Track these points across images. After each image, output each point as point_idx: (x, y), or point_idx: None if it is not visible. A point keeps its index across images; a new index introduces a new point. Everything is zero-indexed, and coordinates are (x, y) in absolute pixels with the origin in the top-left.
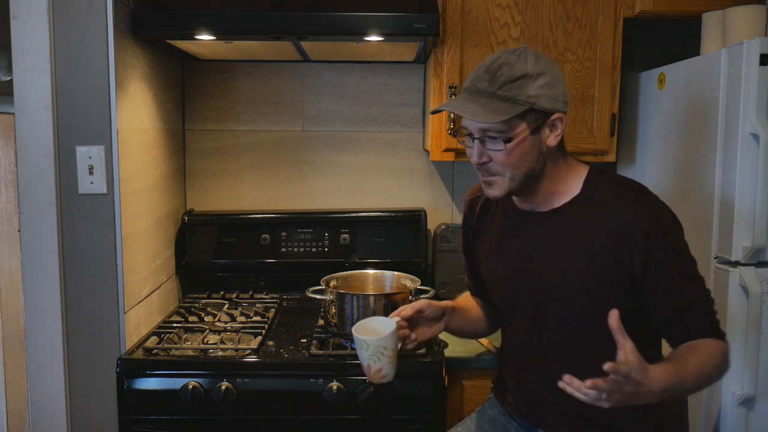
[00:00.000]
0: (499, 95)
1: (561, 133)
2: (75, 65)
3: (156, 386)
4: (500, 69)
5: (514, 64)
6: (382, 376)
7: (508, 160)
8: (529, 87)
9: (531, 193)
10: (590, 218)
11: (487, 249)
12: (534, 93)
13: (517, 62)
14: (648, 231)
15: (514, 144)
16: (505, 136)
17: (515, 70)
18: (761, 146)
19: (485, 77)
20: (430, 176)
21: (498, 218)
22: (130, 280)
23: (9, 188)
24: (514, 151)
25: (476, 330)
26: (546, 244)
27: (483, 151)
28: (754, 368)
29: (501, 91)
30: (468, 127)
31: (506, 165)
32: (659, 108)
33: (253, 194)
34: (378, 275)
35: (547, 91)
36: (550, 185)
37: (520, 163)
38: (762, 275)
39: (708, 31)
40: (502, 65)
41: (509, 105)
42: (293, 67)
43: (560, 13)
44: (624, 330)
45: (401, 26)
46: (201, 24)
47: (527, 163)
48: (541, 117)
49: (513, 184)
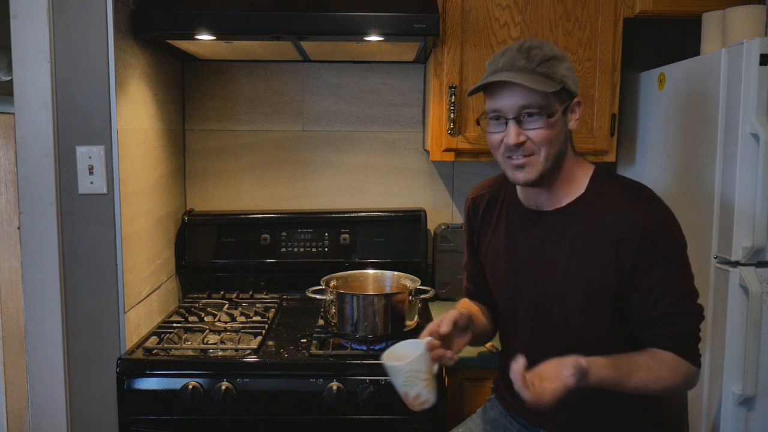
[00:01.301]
0: (538, 71)
1: (579, 117)
2: (75, 65)
3: (156, 386)
4: (531, 50)
5: (541, 46)
6: (421, 402)
7: (547, 137)
8: (560, 67)
9: (550, 182)
10: (593, 219)
11: (491, 248)
12: (564, 73)
13: (544, 46)
14: (643, 232)
15: (555, 119)
16: (548, 111)
17: (545, 51)
18: (761, 146)
19: (520, 56)
20: (430, 176)
21: (503, 217)
22: (130, 280)
23: (9, 188)
24: (555, 128)
25: (486, 335)
26: (549, 244)
27: (520, 131)
28: (754, 368)
29: (540, 68)
30: (502, 109)
31: (544, 142)
32: (659, 108)
33: (253, 194)
34: (378, 275)
35: (572, 74)
36: (563, 176)
37: (556, 139)
38: (762, 275)
39: (708, 31)
40: (532, 47)
41: (549, 81)
42: (293, 67)
43: (560, 13)
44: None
45: (401, 26)
46: (201, 24)
47: (559, 143)
48: (569, 98)
49: (546, 164)
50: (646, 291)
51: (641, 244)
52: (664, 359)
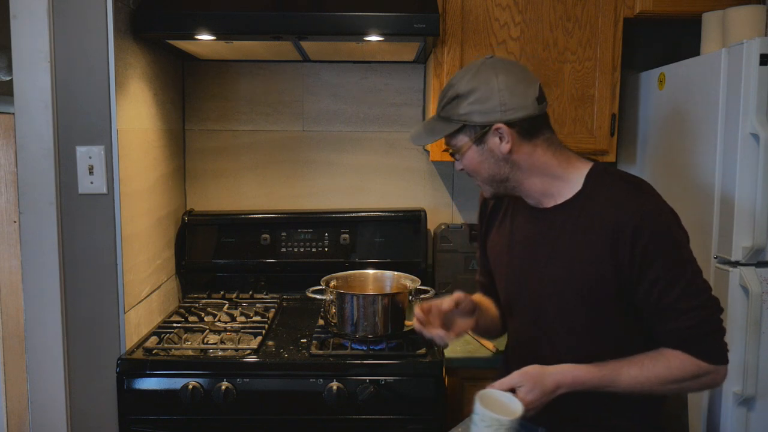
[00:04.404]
0: (441, 116)
1: (510, 140)
2: (75, 65)
3: (156, 386)
4: (447, 90)
5: (456, 83)
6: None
7: (470, 166)
8: (460, 106)
9: (523, 193)
10: (591, 214)
11: (497, 242)
12: (465, 111)
13: (459, 82)
14: (636, 226)
15: (461, 156)
16: (454, 148)
17: (452, 90)
18: (761, 146)
19: (440, 98)
20: (430, 176)
21: (510, 212)
22: (130, 280)
23: (9, 188)
24: (465, 162)
25: (495, 329)
26: (548, 240)
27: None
28: (754, 368)
29: (443, 113)
30: None
31: (471, 171)
32: (659, 108)
33: (253, 194)
34: (378, 275)
35: (478, 107)
36: (542, 183)
37: (478, 169)
38: (762, 275)
39: (708, 31)
40: (450, 86)
41: (446, 124)
42: (293, 67)
43: (560, 13)
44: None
45: (401, 26)
46: (201, 24)
47: (485, 169)
48: (479, 130)
49: (491, 186)
50: (650, 285)
51: (636, 237)
52: (666, 356)
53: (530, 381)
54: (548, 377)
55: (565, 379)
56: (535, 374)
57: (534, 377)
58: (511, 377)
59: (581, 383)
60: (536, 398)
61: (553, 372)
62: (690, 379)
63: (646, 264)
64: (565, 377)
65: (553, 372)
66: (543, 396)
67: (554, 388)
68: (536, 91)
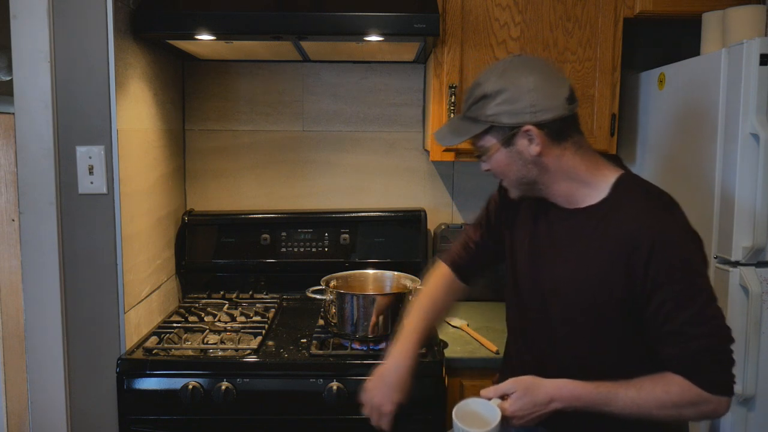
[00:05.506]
0: (468, 116)
1: (539, 142)
2: (75, 65)
3: (156, 386)
4: (474, 89)
5: (483, 83)
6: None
7: (497, 167)
8: (488, 107)
9: (547, 194)
10: (609, 224)
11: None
12: (492, 112)
13: (486, 81)
14: (653, 245)
15: (488, 157)
16: (481, 150)
17: (479, 90)
18: (761, 146)
19: (466, 97)
20: (430, 176)
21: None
22: (130, 280)
23: (9, 188)
24: (492, 163)
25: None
26: (566, 241)
27: (483, 162)
28: (754, 368)
29: (469, 113)
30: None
31: (498, 172)
32: (659, 108)
33: (253, 194)
34: (378, 275)
35: (507, 108)
36: (569, 188)
37: (506, 171)
38: (762, 275)
39: (708, 31)
40: (477, 85)
41: (472, 124)
42: (293, 67)
43: (560, 13)
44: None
45: (401, 26)
46: (201, 24)
47: (514, 171)
48: (507, 131)
49: (518, 187)
50: (657, 306)
51: (651, 256)
52: (666, 380)
53: (522, 388)
54: (541, 389)
55: (560, 394)
56: (529, 383)
57: (527, 386)
58: (505, 383)
59: (577, 399)
60: (525, 407)
61: (548, 385)
62: (688, 406)
63: (657, 285)
64: (561, 392)
65: (547, 385)
66: (534, 407)
67: (547, 401)
68: (567, 91)
